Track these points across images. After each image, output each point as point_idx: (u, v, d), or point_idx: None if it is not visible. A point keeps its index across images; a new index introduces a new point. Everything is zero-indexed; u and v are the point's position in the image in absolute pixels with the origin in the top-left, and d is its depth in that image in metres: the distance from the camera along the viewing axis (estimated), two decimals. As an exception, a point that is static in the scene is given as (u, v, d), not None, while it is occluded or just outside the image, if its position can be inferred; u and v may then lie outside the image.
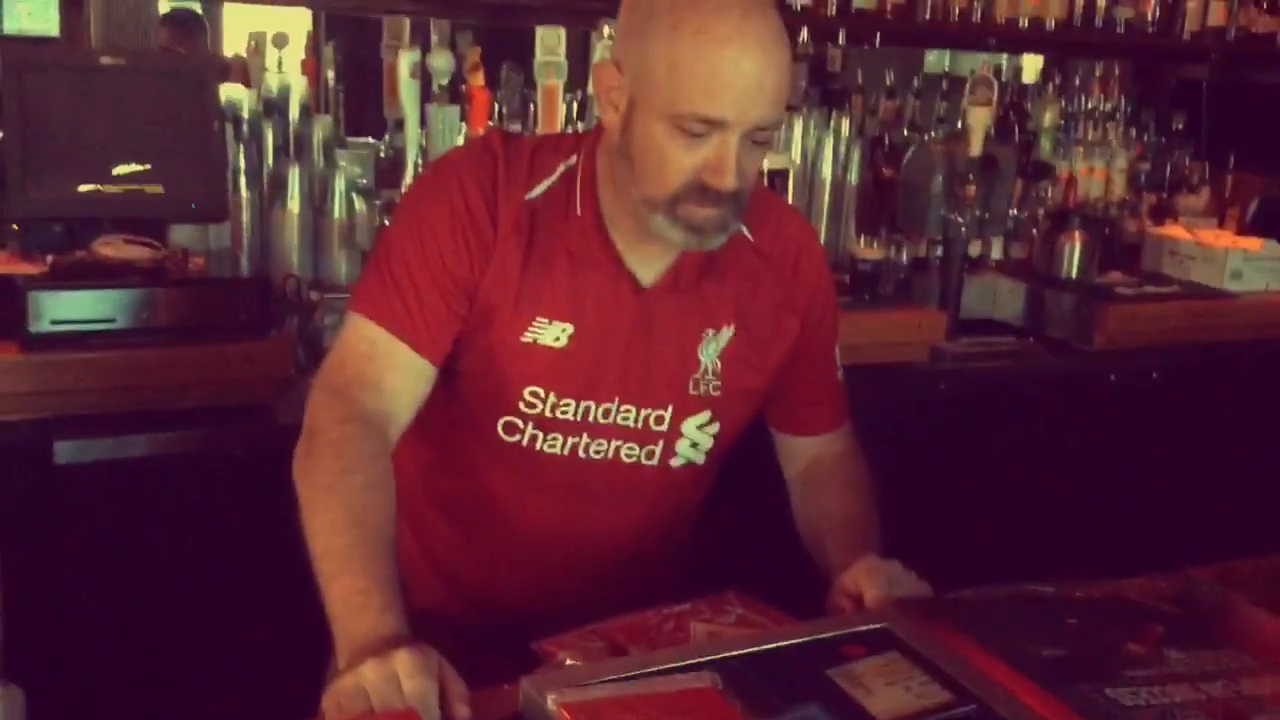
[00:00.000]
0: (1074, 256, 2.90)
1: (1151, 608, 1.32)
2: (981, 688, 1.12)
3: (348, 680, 1.07)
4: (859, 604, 1.32)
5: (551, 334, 1.43)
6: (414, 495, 1.51)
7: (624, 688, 1.07)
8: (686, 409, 1.49)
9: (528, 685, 1.08)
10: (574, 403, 1.44)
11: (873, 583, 1.32)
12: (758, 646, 1.19)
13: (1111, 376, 2.77)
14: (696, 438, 1.51)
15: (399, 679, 1.05)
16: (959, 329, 2.70)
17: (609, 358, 1.44)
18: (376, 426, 1.34)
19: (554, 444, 1.46)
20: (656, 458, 1.50)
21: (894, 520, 1.54)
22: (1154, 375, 2.80)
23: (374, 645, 1.09)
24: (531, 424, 1.45)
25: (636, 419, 1.47)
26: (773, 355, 1.54)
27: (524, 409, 1.44)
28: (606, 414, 1.45)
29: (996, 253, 3.05)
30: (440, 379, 1.43)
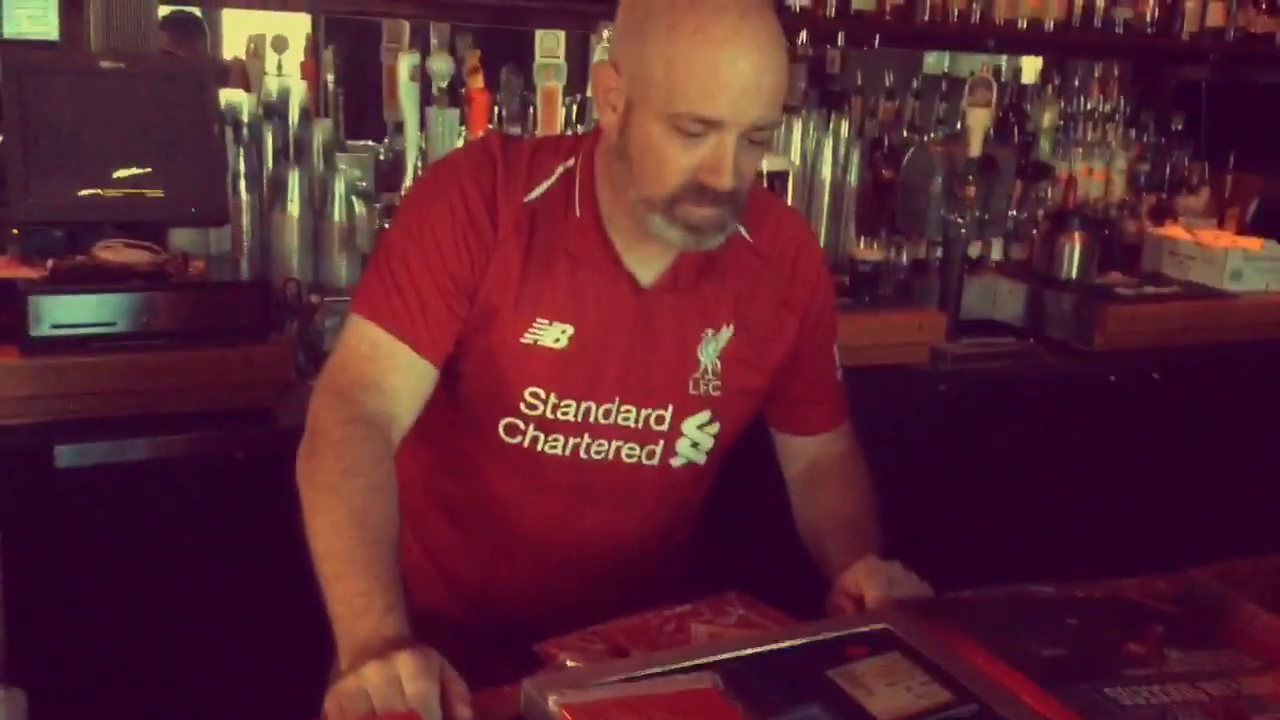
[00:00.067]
0: (1074, 257, 2.91)
1: (1151, 608, 1.32)
2: (982, 688, 1.12)
3: (350, 682, 1.07)
4: (860, 605, 1.33)
5: (552, 335, 1.43)
6: (415, 496, 1.51)
7: (625, 689, 1.08)
8: (687, 409, 1.49)
9: (529, 686, 1.08)
10: (575, 403, 1.44)
11: (873, 583, 1.33)
12: (759, 647, 1.19)
13: (1111, 377, 2.77)
14: (697, 437, 1.51)
15: (401, 681, 1.06)
16: (959, 330, 2.70)
17: (609, 358, 1.44)
18: (379, 428, 1.35)
19: (555, 445, 1.46)
20: (657, 458, 1.50)
21: (895, 521, 1.54)
22: (1154, 376, 2.80)
23: (376, 647, 1.10)
24: (532, 425, 1.45)
25: (637, 419, 1.47)
26: (772, 355, 1.54)
27: (525, 410, 1.44)
28: (607, 414, 1.46)
29: (996, 254, 3.06)
30: (441, 380, 1.43)
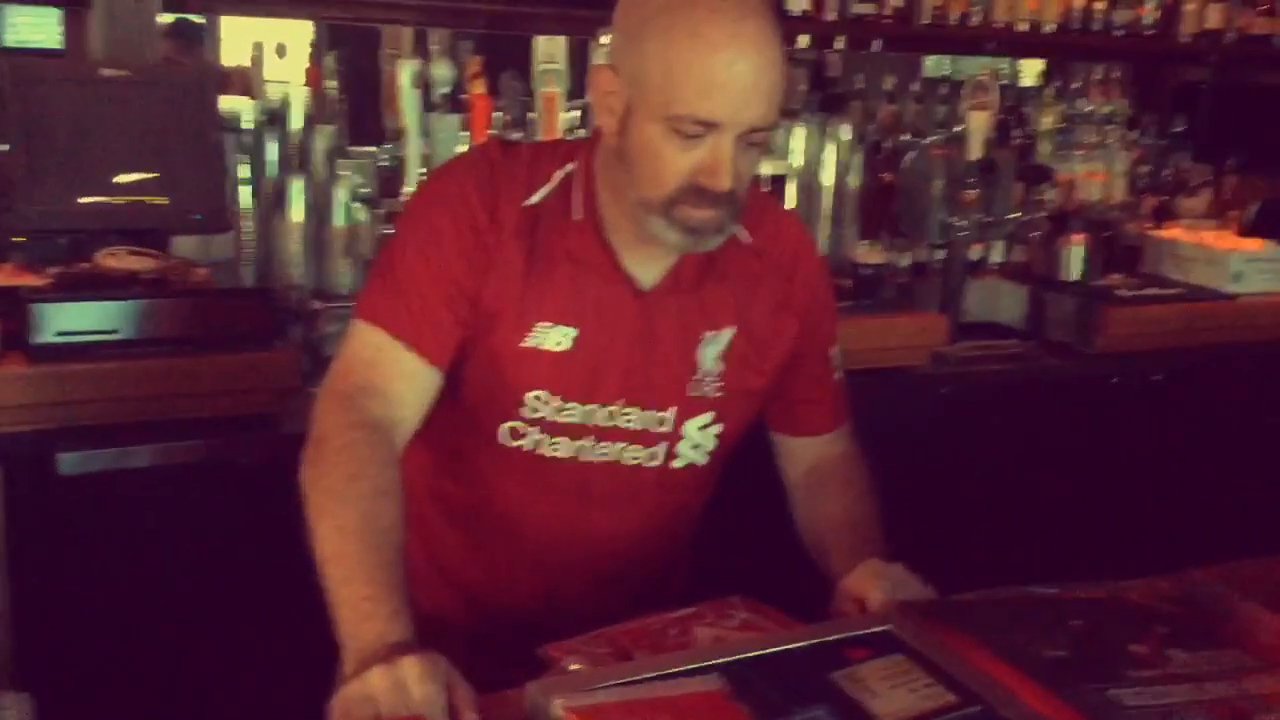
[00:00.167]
0: (1075, 260, 2.91)
1: (1154, 609, 1.31)
2: (985, 689, 1.12)
3: (355, 686, 1.07)
4: (863, 607, 1.33)
5: (554, 338, 1.43)
6: (418, 500, 1.51)
7: (629, 692, 1.08)
8: (689, 410, 1.49)
9: (534, 690, 1.08)
10: (577, 406, 1.45)
11: (876, 586, 1.33)
12: (762, 650, 1.19)
13: (1113, 379, 2.77)
14: (699, 439, 1.52)
15: (406, 685, 1.06)
16: (960, 333, 2.70)
17: (611, 361, 1.45)
18: (383, 433, 1.35)
19: (558, 448, 1.46)
20: (660, 459, 1.50)
21: (897, 524, 1.54)
22: (1155, 377, 2.80)
23: (381, 652, 1.10)
24: (535, 428, 1.45)
25: (640, 421, 1.47)
26: (773, 356, 1.54)
27: (527, 413, 1.44)
28: (610, 417, 1.46)
29: (997, 256, 3.05)
30: (443, 385, 1.43)
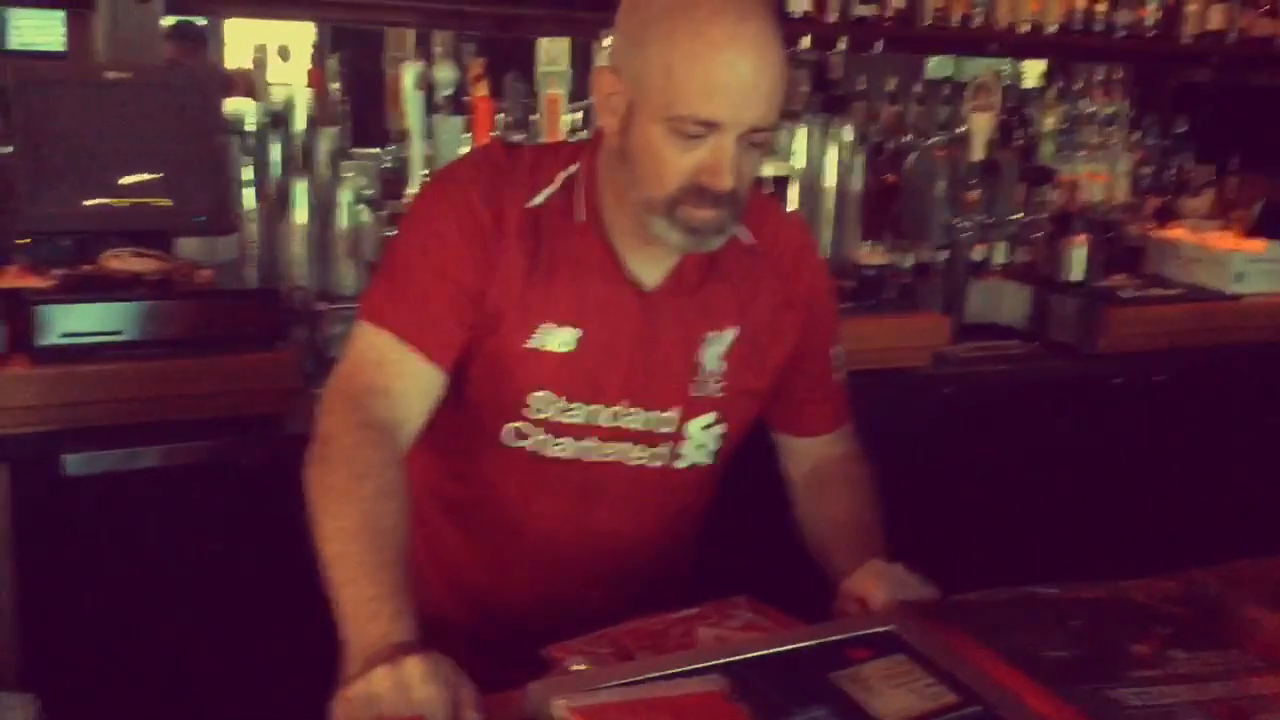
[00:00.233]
0: (1077, 260, 2.91)
1: (1156, 609, 1.32)
2: (987, 689, 1.13)
3: (358, 687, 1.08)
4: (865, 608, 1.33)
5: (557, 339, 1.43)
6: (421, 501, 1.51)
7: (631, 692, 1.08)
8: (692, 410, 1.50)
9: (536, 690, 1.09)
10: (581, 407, 1.45)
11: (878, 586, 1.33)
12: (764, 650, 1.19)
13: (1116, 379, 2.77)
14: (703, 439, 1.52)
15: (410, 686, 1.06)
16: (963, 333, 2.70)
17: (614, 361, 1.45)
18: (388, 434, 1.35)
19: (562, 448, 1.47)
20: (663, 460, 1.51)
21: (900, 524, 1.54)
22: (1158, 378, 2.80)
23: (385, 652, 1.10)
24: (539, 429, 1.46)
25: (643, 422, 1.48)
26: (775, 356, 1.55)
27: (531, 414, 1.45)
28: (614, 418, 1.46)
29: (1000, 257, 3.05)
30: (448, 385, 1.44)
